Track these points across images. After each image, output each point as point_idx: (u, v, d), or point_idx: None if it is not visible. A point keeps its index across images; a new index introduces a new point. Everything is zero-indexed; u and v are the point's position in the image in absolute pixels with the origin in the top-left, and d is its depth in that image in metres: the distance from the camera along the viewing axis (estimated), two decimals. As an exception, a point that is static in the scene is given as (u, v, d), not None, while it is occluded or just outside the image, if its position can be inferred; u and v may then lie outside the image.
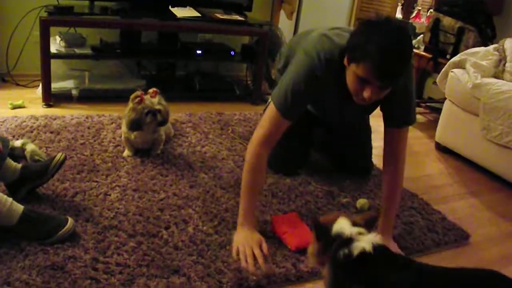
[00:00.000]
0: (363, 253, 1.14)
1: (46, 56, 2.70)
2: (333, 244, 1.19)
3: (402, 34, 1.44)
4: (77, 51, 2.92)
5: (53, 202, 1.76)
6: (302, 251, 1.66)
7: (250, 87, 3.59)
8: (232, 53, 3.40)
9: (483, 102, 2.58)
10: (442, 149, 2.99)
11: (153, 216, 1.76)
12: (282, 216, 1.86)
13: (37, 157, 2.02)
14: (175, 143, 2.46)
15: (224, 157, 2.37)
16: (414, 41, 4.56)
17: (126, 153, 2.24)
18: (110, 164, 2.12)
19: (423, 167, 2.74)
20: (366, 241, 1.16)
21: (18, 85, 3.06)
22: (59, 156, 1.80)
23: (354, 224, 1.23)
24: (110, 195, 1.87)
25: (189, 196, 1.94)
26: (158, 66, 3.38)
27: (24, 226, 1.50)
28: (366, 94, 1.47)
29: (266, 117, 1.69)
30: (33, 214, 1.54)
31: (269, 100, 1.87)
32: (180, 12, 3.10)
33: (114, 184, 1.95)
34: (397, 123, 1.73)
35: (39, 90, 2.84)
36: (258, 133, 1.68)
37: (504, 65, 2.78)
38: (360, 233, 1.19)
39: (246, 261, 1.51)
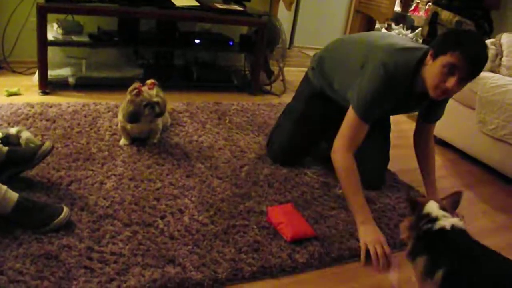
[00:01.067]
0: (442, 230, 1.33)
1: (43, 43, 2.68)
2: (421, 221, 1.39)
3: (481, 37, 1.73)
4: (75, 38, 2.91)
5: (48, 190, 1.76)
6: (297, 241, 1.68)
7: (248, 77, 3.58)
8: (231, 43, 3.39)
9: (479, 95, 2.59)
10: (438, 141, 3.00)
11: (148, 206, 1.76)
12: (278, 207, 1.87)
13: (32, 145, 2.01)
14: (172, 133, 2.45)
15: (221, 147, 2.37)
16: (412, 34, 4.55)
17: (123, 141, 2.24)
18: (106, 153, 2.11)
19: (419, 160, 2.74)
20: (448, 222, 1.34)
21: (14, 72, 3.04)
22: (47, 144, 1.79)
23: (442, 208, 1.40)
24: (105, 184, 1.86)
25: (185, 186, 1.95)
26: (156, 55, 3.36)
27: (19, 215, 1.50)
28: (450, 83, 1.62)
29: (345, 125, 1.83)
30: (28, 203, 1.53)
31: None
32: (179, 1, 3.08)
33: (110, 173, 1.95)
34: (432, 120, 2.04)
35: (35, 78, 2.82)
36: (340, 140, 1.82)
37: (500, 59, 2.79)
38: (445, 216, 1.37)
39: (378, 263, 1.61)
